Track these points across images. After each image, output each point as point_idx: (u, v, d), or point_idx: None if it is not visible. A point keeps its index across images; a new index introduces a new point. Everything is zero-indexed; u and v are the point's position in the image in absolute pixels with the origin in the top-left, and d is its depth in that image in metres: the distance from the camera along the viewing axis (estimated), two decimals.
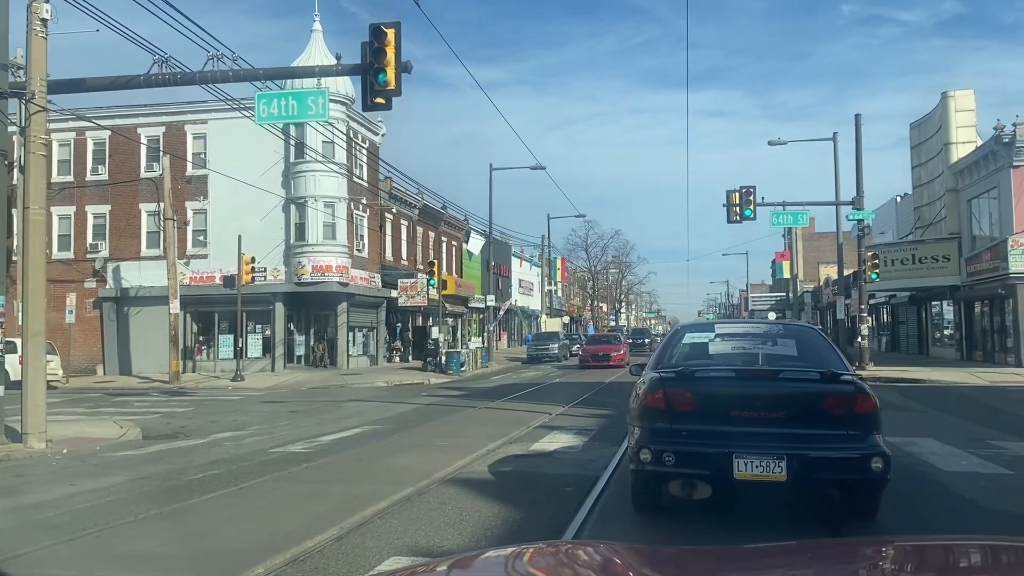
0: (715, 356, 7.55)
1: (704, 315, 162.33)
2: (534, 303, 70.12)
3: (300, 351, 37.34)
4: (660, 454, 6.40)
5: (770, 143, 37.35)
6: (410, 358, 42.70)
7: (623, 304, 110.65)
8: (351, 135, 37.59)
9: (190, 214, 36.61)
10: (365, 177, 39.13)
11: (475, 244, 52.63)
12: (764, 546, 2.60)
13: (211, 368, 35.95)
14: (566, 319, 74.04)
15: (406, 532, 6.53)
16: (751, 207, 32.48)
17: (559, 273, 71.18)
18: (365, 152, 39.32)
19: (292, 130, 34.99)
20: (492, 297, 42.88)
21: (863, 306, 32.73)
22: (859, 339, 33.07)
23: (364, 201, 38.56)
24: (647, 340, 53.38)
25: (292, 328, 36.94)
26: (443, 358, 33.78)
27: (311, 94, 16.65)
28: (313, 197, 35.11)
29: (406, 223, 44.83)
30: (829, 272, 63.15)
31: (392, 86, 14.55)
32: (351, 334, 37.98)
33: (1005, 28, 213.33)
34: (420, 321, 45.69)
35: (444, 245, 51.36)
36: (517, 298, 67.05)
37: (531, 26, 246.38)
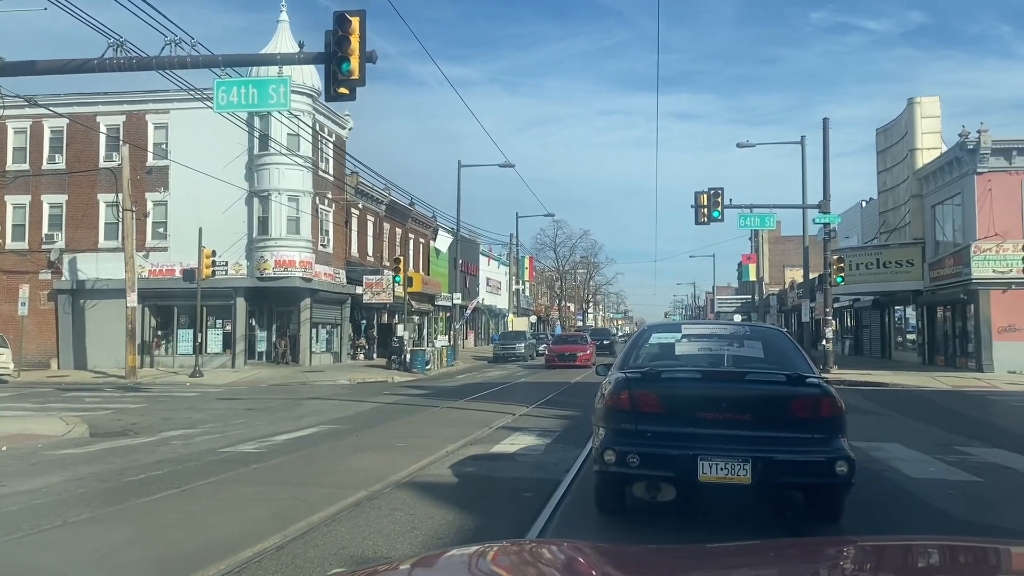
0: (681, 357, 7.42)
1: (671, 316, 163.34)
2: (501, 302, 69.80)
3: (262, 347, 36.65)
4: (624, 455, 6.29)
5: (739, 145, 37.38)
6: (375, 356, 42.15)
7: (591, 304, 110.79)
8: (317, 128, 36.97)
9: (150, 205, 35.77)
10: (331, 171, 38.52)
11: (443, 241, 52.19)
12: (727, 545, 2.58)
13: (170, 364, 35.17)
14: (533, 319, 73.80)
15: (353, 541, 6.15)
16: (719, 209, 32.49)
17: (527, 272, 70.92)
18: (331, 146, 38.71)
19: (256, 122, 34.31)
20: (459, 295, 42.47)
21: (828, 309, 32.88)
22: (823, 342, 33.20)
23: (329, 195, 37.95)
24: (607, 341, 52.81)
25: (254, 324, 36.25)
26: (407, 356, 33.31)
27: (272, 82, 16.16)
28: (277, 190, 34.45)
29: (372, 219, 44.24)
30: (794, 275, 63.66)
31: (356, 76, 14.17)
32: (314, 331, 37.36)
33: (969, 39, 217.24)
34: (385, 318, 45.12)
35: (411, 242, 50.82)
36: (485, 297, 66.66)
37: (504, 26, 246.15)
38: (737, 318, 74.65)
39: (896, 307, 41.30)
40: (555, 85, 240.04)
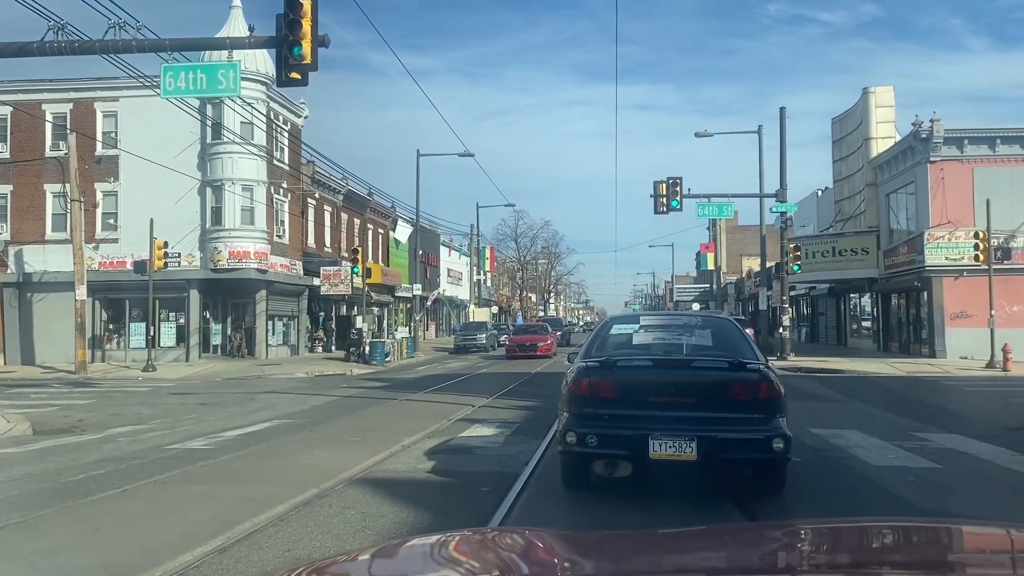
0: (638, 346, 8.07)
1: (631, 306, 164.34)
2: (463, 293, 69.44)
3: (217, 340, 35.92)
4: (584, 436, 6.88)
5: (697, 135, 37.48)
6: (333, 348, 41.59)
7: (552, 294, 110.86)
8: (272, 116, 36.25)
9: (99, 196, 34.78)
10: (286, 160, 37.83)
11: (402, 232, 51.66)
12: (684, 530, 2.64)
13: (122, 358, 34.27)
14: (495, 309, 73.61)
15: (300, 542, 5.87)
16: (678, 198, 32.54)
17: (488, 263, 70.62)
18: (287, 134, 38.01)
19: (209, 110, 33.57)
20: (419, 286, 42.05)
21: (785, 297, 33.13)
22: (780, 329, 33.50)
23: (285, 185, 37.27)
24: (559, 332, 52.39)
25: (208, 316, 35.50)
26: (366, 348, 32.89)
27: (222, 67, 15.72)
28: (231, 180, 33.71)
29: (330, 209, 43.58)
30: (752, 264, 64.24)
31: (308, 60, 13.79)
32: (270, 323, 36.73)
33: (920, 32, 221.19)
34: (344, 310, 44.55)
35: (370, 233, 50.22)
36: (446, 287, 66.24)
37: (465, 15, 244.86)
38: (695, 307, 75.22)
39: (851, 295, 41.84)
40: (516, 75, 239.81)
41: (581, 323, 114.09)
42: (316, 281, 38.61)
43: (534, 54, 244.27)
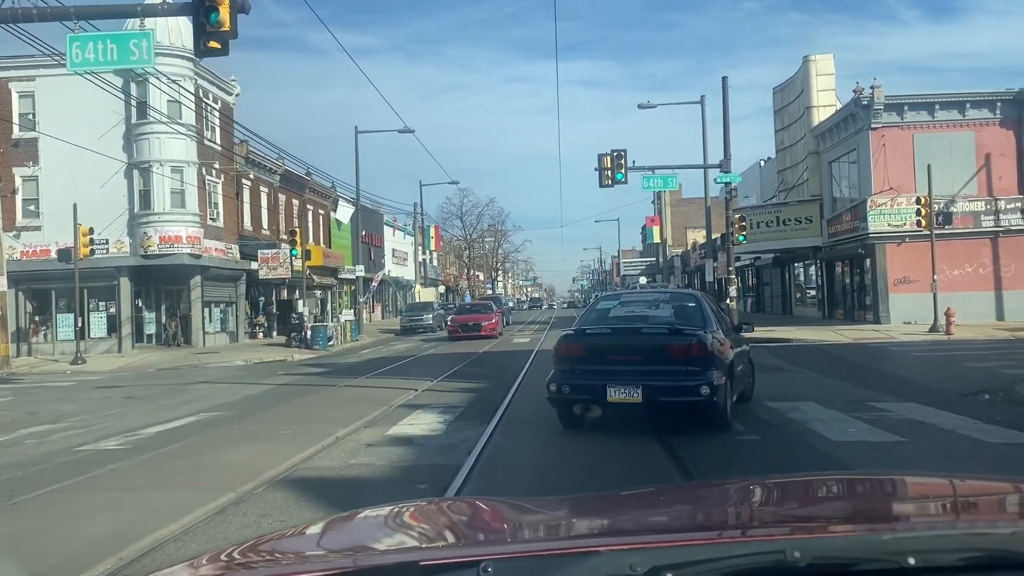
0: (613, 318, 10.14)
1: (579, 282, 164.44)
2: (409, 273, 68.34)
3: (151, 329, 34.49)
4: (561, 386, 9.13)
5: (640, 106, 37.03)
6: (275, 334, 40.35)
7: (500, 272, 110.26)
8: (201, 94, 34.71)
9: (19, 181, 32.97)
10: (218, 140, 36.34)
11: (344, 212, 50.32)
12: (637, 492, 2.60)
13: (50, 351, 32.67)
14: (442, 289, 72.71)
15: None
16: (622, 171, 31.98)
17: (433, 242, 69.60)
18: (217, 113, 36.49)
19: (133, 88, 31.95)
20: (361, 267, 40.95)
21: (731, 268, 32.96)
22: (728, 300, 33.39)
23: (217, 166, 35.78)
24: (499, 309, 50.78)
25: (141, 305, 34.03)
26: (308, 333, 31.87)
27: (134, 36, 14.61)
28: (158, 161, 32.19)
29: (266, 190, 42.12)
30: (696, 236, 64.38)
31: (227, 27, 12.81)
32: (207, 310, 35.39)
33: (854, 3, 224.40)
34: (286, 294, 43.26)
35: (310, 214, 48.82)
36: (391, 268, 65.10)
37: None
38: (643, 280, 75.38)
39: (796, 264, 42.03)
40: (458, 52, 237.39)
41: (519, 300, 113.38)
42: (254, 265, 37.28)
43: (476, 30, 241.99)
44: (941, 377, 14.86)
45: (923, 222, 27.26)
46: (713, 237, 38.29)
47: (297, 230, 32.08)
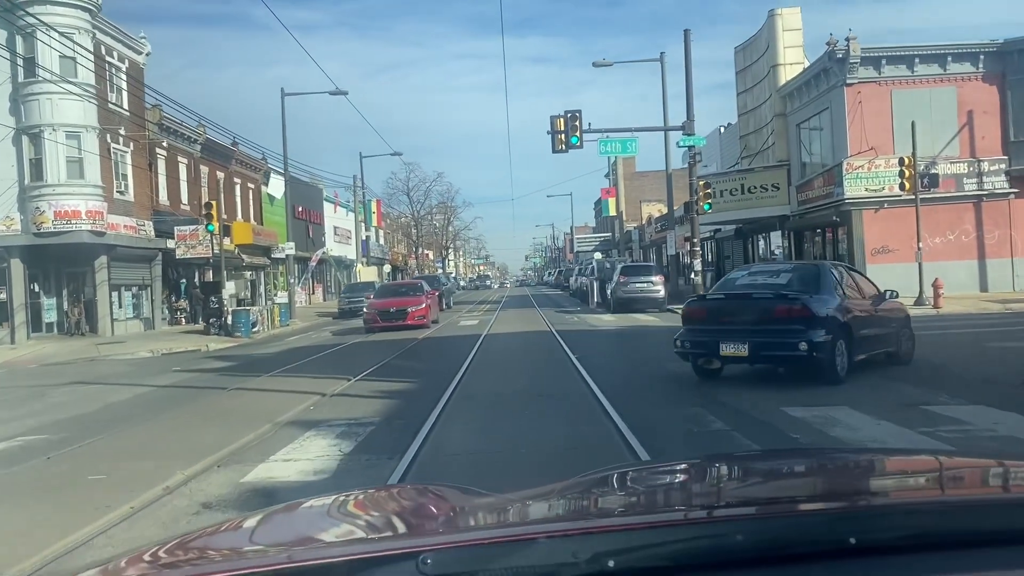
0: (737, 286, 11.71)
1: (532, 260, 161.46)
2: (352, 252, 64.62)
3: (51, 317, 30.62)
4: (684, 342, 10.96)
5: (595, 64, 34.14)
6: (199, 319, 36.61)
7: (451, 250, 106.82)
8: (103, 52, 30.71)
9: None
10: (125, 104, 32.38)
11: (276, 186, 46.53)
12: (586, 477, 2.36)
13: None
14: (388, 268, 69.12)
15: None
16: (577, 133, 28.95)
17: (375, 217, 65.88)
18: (124, 74, 32.50)
19: (20, 44, 27.95)
20: (292, 245, 37.30)
21: (696, 240, 30.24)
22: (693, 274, 30.79)
23: (123, 132, 31.82)
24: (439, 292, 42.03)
25: (38, 290, 30.14)
26: (229, 318, 28.38)
27: None
28: (51, 126, 28.21)
29: (185, 161, 38.11)
30: (651, 210, 61.77)
31: None
32: (116, 294, 31.60)
33: None
34: (211, 276, 39.45)
35: (238, 188, 44.88)
36: (332, 247, 61.36)
37: None
38: (597, 256, 72.72)
39: (760, 235, 39.50)
40: (405, 28, 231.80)
41: (472, 279, 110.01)
42: (171, 243, 33.53)
43: (424, 5, 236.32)
44: (971, 363, 12.20)
45: (907, 185, 24.80)
46: (675, 208, 35.58)
47: (213, 203, 28.43)
